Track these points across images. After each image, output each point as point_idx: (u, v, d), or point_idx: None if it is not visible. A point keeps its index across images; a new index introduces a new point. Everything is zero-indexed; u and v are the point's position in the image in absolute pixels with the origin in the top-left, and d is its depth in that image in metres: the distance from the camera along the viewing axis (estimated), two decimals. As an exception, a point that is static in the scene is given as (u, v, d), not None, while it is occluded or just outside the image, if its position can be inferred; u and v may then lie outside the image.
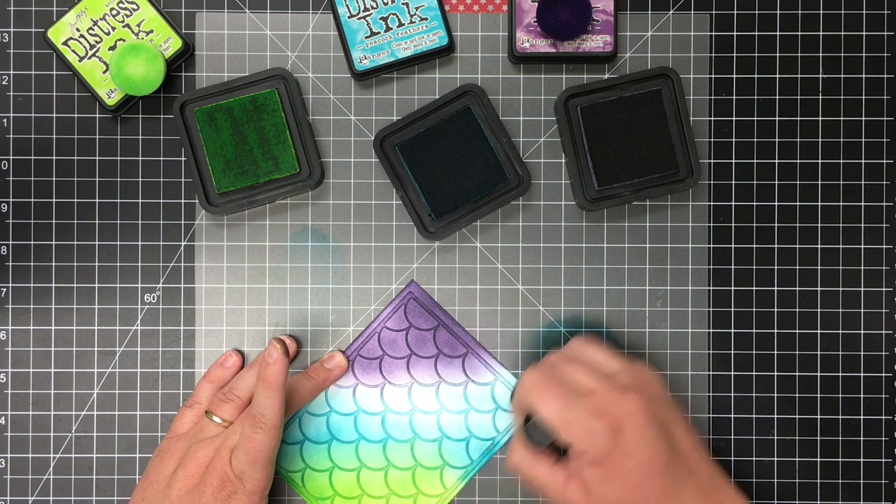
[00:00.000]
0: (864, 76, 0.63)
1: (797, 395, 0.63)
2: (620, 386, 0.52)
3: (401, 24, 0.61)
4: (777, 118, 0.63)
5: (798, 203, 0.63)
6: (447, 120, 0.61)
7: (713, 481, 0.52)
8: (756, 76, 0.62)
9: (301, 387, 0.60)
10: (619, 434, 0.50)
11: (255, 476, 0.55)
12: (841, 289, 0.63)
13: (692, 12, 0.63)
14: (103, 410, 0.62)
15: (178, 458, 0.57)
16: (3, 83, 0.62)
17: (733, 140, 0.63)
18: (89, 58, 0.60)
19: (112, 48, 0.60)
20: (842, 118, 0.63)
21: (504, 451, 0.62)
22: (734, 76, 0.62)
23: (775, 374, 0.63)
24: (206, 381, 0.60)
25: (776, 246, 0.63)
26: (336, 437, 0.62)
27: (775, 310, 0.63)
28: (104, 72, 0.60)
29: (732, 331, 0.63)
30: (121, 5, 0.60)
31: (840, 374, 0.63)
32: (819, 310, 0.63)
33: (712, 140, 0.63)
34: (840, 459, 0.62)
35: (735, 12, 0.62)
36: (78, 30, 0.60)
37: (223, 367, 0.61)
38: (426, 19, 0.61)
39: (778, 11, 0.63)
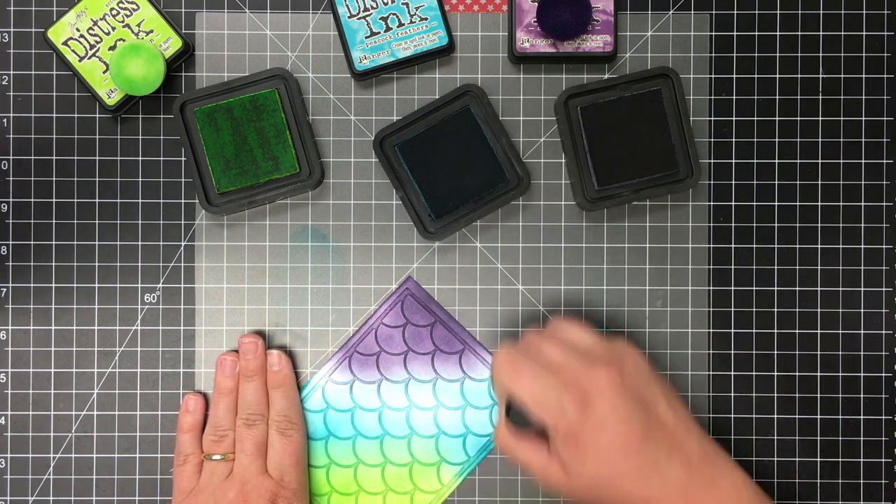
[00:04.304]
0: (864, 76, 0.63)
1: (797, 395, 0.63)
2: (592, 360, 0.51)
3: (401, 24, 0.61)
4: (777, 118, 0.63)
5: (798, 203, 0.63)
6: (447, 120, 0.61)
7: (704, 456, 0.50)
8: (756, 76, 0.62)
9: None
10: (588, 407, 0.49)
11: (298, 477, 0.58)
12: (841, 289, 0.63)
13: (692, 12, 0.63)
14: (103, 410, 0.62)
15: None
16: (3, 83, 0.62)
17: (733, 140, 0.63)
18: (89, 58, 0.60)
19: (112, 48, 0.60)
20: (842, 118, 0.63)
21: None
22: (734, 76, 0.62)
23: (775, 374, 0.63)
24: (184, 433, 0.60)
25: (776, 246, 0.63)
26: (333, 433, 0.62)
27: (775, 310, 0.63)
28: (104, 72, 0.60)
29: (732, 331, 0.63)
30: (121, 5, 0.60)
31: (840, 374, 0.63)
32: (819, 310, 0.63)
33: (712, 140, 0.63)
34: (840, 459, 0.62)
35: (735, 12, 0.62)
36: (78, 30, 0.60)
37: (191, 413, 0.60)
38: (426, 19, 0.61)
39: (778, 11, 0.63)
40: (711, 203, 0.63)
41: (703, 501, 0.49)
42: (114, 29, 0.60)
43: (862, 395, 0.63)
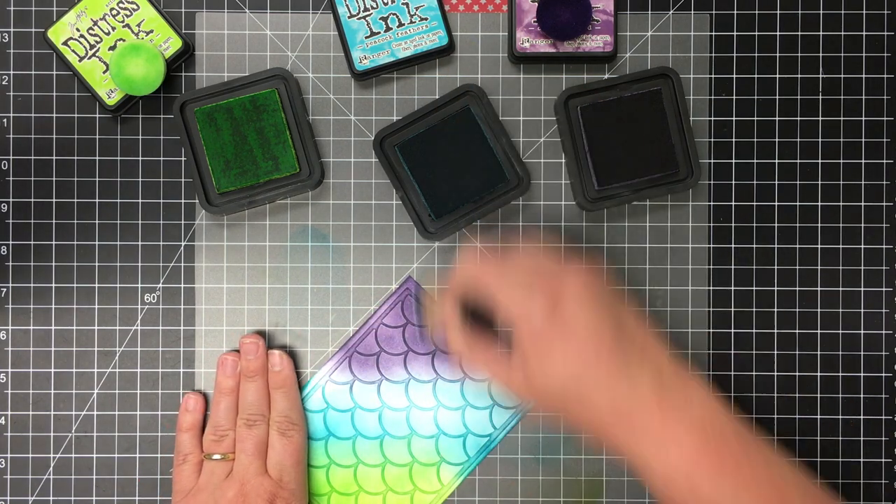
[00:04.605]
0: (864, 76, 0.63)
1: (797, 395, 0.63)
2: (561, 269, 0.51)
3: (401, 24, 0.61)
4: (777, 118, 0.63)
5: (798, 203, 0.63)
6: (447, 120, 0.61)
7: (678, 375, 0.49)
8: (756, 76, 0.62)
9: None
10: (559, 307, 0.48)
11: (297, 478, 0.58)
12: (841, 289, 0.63)
13: (692, 12, 0.63)
14: (103, 410, 0.62)
15: None
16: (3, 83, 0.62)
17: (733, 140, 0.63)
18: (89, 58, 0.60)
19: (112, 48, 0.60)
20: (842, 118, 0.63)
21: (502, 450, 0.62)
22: (734, 76, 0.62)
23: (775, 374, 0.63)
24: (184, 432, 0.60)
25: (776, 246, 0.63)
26: (333, 433, 0.62)
27: (775, 310, 0.63)
28: (104, 72, 0.60)
29: (732, 331, 0.63)
30: (121, 5, 0.60)
31: (840, 374, 0.63)
32: (819, 310, 0.63)
33: (712, 140, 0.63)
34: (840, 459, 0.62)
35: (735, 12, 0.62)
36: (78, 30, 0.60)
37: (191, 412, 0.60)
38: (426, 19, 0.61)
39: (778, 11, 0.63)
40: (711, 203, 0.63)
41: (676, 413, 0.48)
42: (114, 29, 0.60)
43: (862, 395, 0.63)
